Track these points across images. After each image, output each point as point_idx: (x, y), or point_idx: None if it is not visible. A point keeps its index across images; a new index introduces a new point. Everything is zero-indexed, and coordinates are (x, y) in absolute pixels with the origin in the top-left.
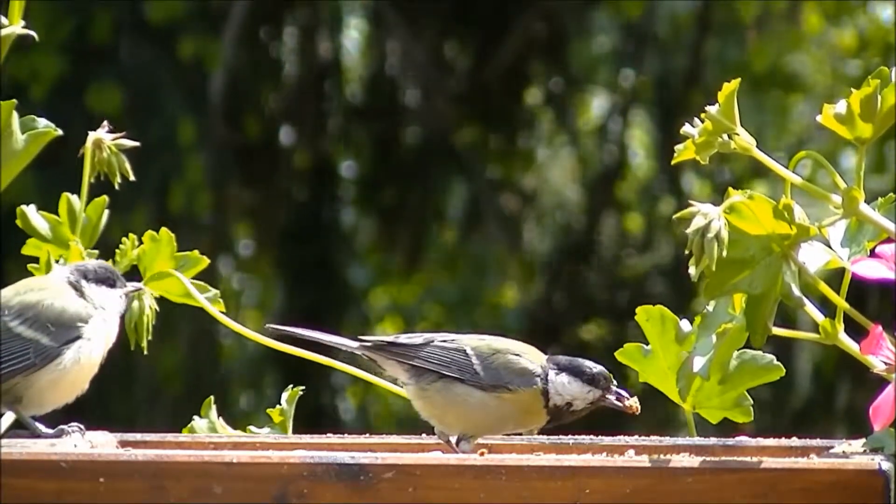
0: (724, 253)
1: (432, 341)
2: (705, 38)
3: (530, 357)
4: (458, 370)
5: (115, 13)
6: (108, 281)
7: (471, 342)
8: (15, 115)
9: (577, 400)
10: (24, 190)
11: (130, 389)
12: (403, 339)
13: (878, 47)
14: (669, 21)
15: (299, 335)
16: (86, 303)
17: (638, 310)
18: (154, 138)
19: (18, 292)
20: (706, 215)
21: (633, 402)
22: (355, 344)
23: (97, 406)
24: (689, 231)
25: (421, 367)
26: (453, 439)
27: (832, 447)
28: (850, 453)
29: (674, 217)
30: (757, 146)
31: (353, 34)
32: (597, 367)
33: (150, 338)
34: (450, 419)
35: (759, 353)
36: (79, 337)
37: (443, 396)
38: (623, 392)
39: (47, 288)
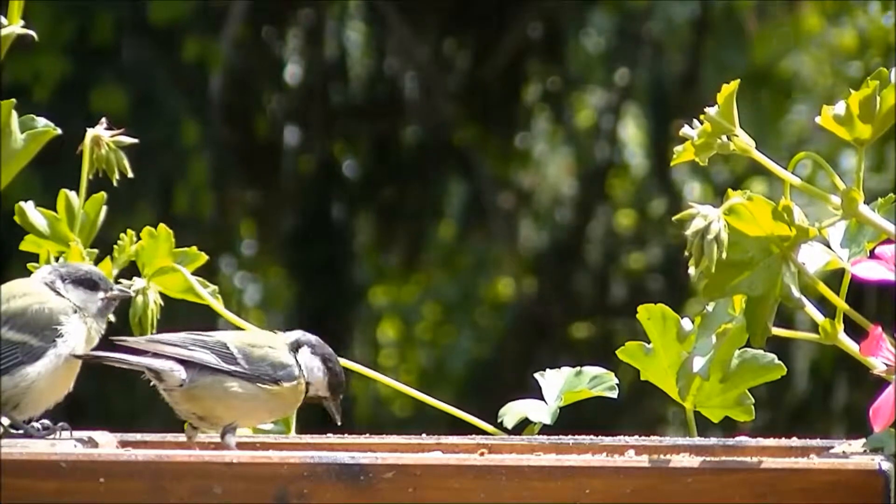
0: (724, 255)
1: (192, 338)
2: (703, 38)
3: (278, 347)
4: (222, 362)
5: (117, 14)
6: (86, 283)
7: (227, 336)
8: (14, 114)
9: (314, 386)
10: (29, 190)
11: (130, 388)
12: (159, 337)
13: (879, 48)
14: (666, 21)
15: (109, 360)
16: (65, 301)
17: (639, 308)
18: (157, 139)
19: (4, 300)
20: (706, 217)
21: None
22: (135, 359)
23: (96, 404)
24: (688, 233)
25: (186, 364)
26: (218, 433)
27: (832, 447)
28: (850, 453)
29: (673, 219)
30: (756, 147)
31: (354, 34)
32: (342, 371)
33: (154, 332)
34: (220, 411)
35: (761, 352)
36: (61, 335)
37: (212, 391)
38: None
39: (30, 293)
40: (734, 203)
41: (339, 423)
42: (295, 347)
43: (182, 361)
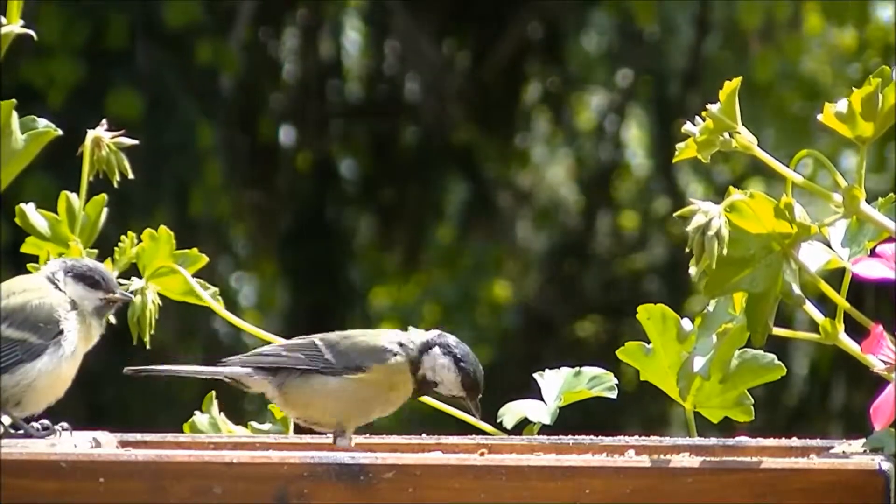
0: (725, 251)
1: (281, 344)
2: (704, 38)
3: (387, 336)
4: (309, 362)
5: (130, 18)
6: (87, 279)
7: (319, 335)
8: (14, 115)
9: (445, 385)
10: (43, 194)
11: (147, 392)
12: (255, 351)
13: (878, 48)
14: (667, 21)
15: (158, 372)
16: (63, 296)
17: (639, 308)
18: (172, 142)
19: (3, 296)
20: (707, 213)
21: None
22: (210, 369)
23: (115, 409)
24: (689, 229)
25: (277, 369)
26: (330, 437)
27: (832, 447)
28: (850, 453)
29: (674, 215)
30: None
31: (353, 34)
32: (478, 371)
33: (152, 332)
34: (313, 412)
35: (760, 352)
36: (61, 332)
37: (301, 390)
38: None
39: (29, 289)
40: (735, 200)
41: (477, 421)
42: (425, 348)
43: (273, 369)
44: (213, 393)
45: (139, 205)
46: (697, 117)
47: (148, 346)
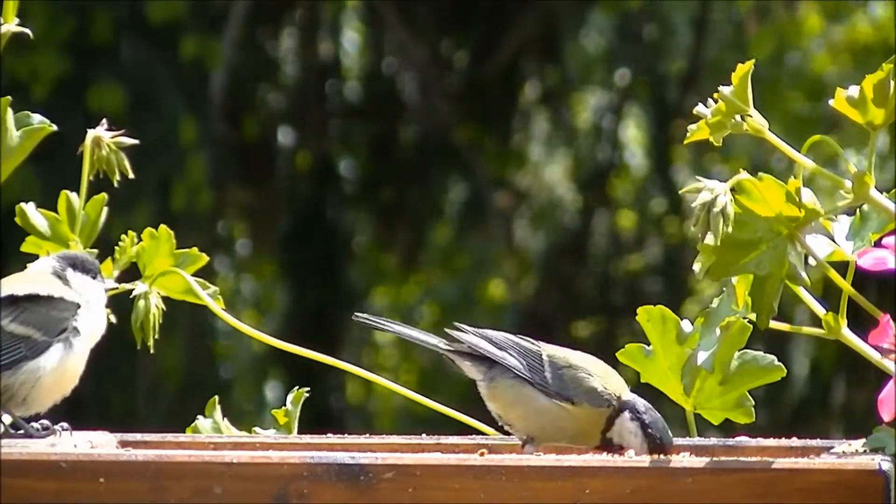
0: (730, 229)
1: (514, 341)
2: (702, 39)
3: (606, 381)
4: (528, 371)
5: (115, 13)
6: (91, 272)
7: (549, 349)
8: (10, 111)
9: (629, 450)
10: (25, 189)
11: (130, 387)
12: (487, 333)
13: (878, 47)
14: (665, 21)
15: (385, 328)
16: (73, 292)
17: (639, 310)
18: (154, 138)
19: (7, 292)
20: (712, 191)
21: None
22: (435, 341)
23: (96, 403)
24: (695, 205)
25: (495, 364)
26: (521, 440)
27: (832, 447)
28: (850, 453)
29: (681, 192)
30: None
31: (351, 34)
32: (666, 437)
33: (156, 336)
34: (512, 417)
35: (760, 353)
36: (67, 328)
37: (509, 394)
38: None
39: (35, 282)
40: (744, 180)
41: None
42: (618, 410)
43: (491, 361)
44: (217, 398)
45: (120, 199)
46: (701, 104)
47: (152, 351)
